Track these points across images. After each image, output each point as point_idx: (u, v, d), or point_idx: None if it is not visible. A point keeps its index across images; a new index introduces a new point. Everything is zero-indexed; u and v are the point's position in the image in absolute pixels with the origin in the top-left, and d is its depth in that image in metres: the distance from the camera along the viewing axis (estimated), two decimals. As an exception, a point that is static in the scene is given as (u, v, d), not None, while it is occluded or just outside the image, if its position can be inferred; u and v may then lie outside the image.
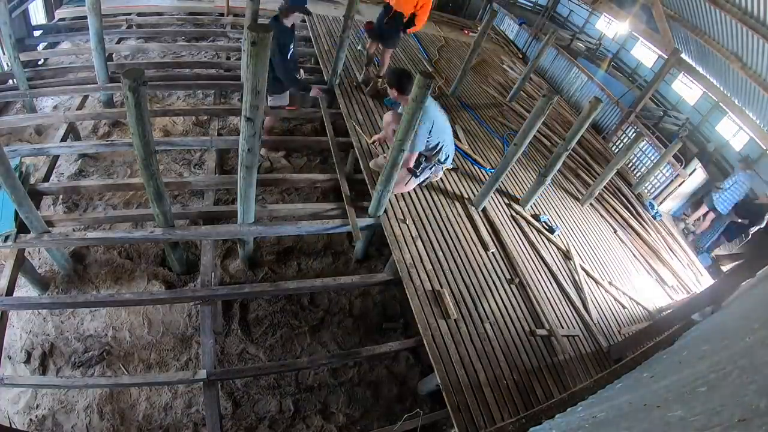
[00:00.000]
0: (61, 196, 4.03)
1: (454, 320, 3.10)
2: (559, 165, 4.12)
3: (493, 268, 3.67)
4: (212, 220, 3.82)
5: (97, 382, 2.90)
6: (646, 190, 6.43)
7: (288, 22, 3.98)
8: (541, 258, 4.02)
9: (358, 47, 6.07)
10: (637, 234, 5.23)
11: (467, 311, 3.22)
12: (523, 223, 4.30)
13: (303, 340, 3.51)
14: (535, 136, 4.18)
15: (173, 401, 3.03)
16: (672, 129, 10.09)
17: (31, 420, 2.82)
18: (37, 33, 5.92)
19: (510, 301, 3.47)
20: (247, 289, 3.26)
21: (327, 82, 5.18)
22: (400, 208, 3.80)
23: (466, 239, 3.79)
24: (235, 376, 3.13)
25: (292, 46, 4.18)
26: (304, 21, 6.02)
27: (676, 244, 5.56)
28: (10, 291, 2.95)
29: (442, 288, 3.28)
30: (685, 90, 11.49)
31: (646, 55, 12.49)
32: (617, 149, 7.26)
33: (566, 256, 4.23)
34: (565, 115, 7.37)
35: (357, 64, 5.79)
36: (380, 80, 5.17)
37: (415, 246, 3.52)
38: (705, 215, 6.64)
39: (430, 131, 3.45)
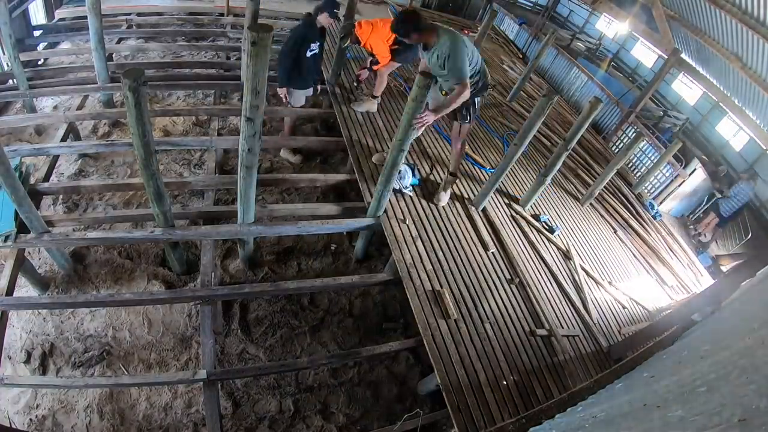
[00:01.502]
0: (61, 196, 4.02)
1: (454, 320, 3.10)
2: (559, 165, 4.12)
3: (493, 268, 3.67)
4: (212, 220, 3.81)
5: (97, 382, 2.90)
6: (646, 190, 6.43)
7: (319, 22, 3.98)
8: (541, 258, 4.02)
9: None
10: (637, 234, 5.23)
11: (467, 311, 3.22)
12: (523, 223, 4.29)
13: (303, 340, 3.51)
14: (535, 136, 4.18)
15: (173, 401, 3.03)
16: (672, 129, 10.09)
17: (31, 420, 2.82)
18: (37, 33, 5.92)
19: (510, 301, 3.47)
20: (247, 289, 3.25)
21: (327, 81, 5.19)
22: (400, 208, 3.80)
23: (466, 239, 3.78)
24: (235, 376, 3.13)
25: (315, 46, 4.09)
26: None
27: (676, 244, 5.56)
28: (10, 291, 2.95)
29: (442, 288, 3.28)
30: (685, 90, 11.49)
31: (646, 55, 12.49)
32: (617, 149, 7.26)
33: (566, 256, 4.23)
34: (565, 115, 7.37)
35: (357, 64, 5.79)
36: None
37: (415, 246, 3.51)
38: (710, 222, 6.94)
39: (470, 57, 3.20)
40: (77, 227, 3.56)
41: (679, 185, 6.55)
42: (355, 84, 5.08)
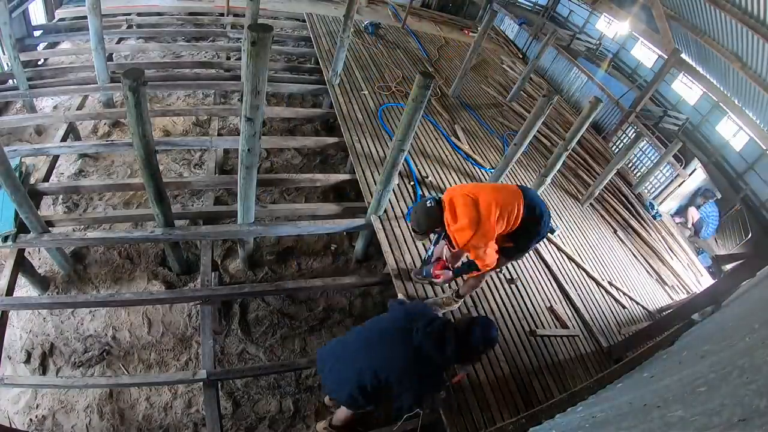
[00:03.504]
0: (61, 196, 4.03)
1: (454, 320, 3.10)
2: (559, 165, 4.11)
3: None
4: (212, 220, 3.82)
5: (97, 382, 2.90)
6: (646, 190, 6.42)
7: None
8: (541, 258, 4.02)
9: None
10: (637, 234, 5.22)
11: (467, 311, 3.21)
12: (523, 223, 4.29)
13: (303, 340, 3.51)
14: (535, 136, 4.18)
15: (173, 401, 3.03)
16: (672, 129, 10.08)
17: (31, 420, 2.82)
18: (37, 33, 5.91)
19: (510, 301, 3.46)
20: (247, 289, 3.25)
21: (327, 81, 5.19)
22: (400, 208, 3.79)
23: (466, 239, 3.78)
24: (235, 376, 3.13)
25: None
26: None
27: (676, 244, 5.56)
28: (10, 291, 2.95)
29: (442, 288, 3.27)
30: (685, 90, 11.49)
31: (646, 55, 12.48)
32: (617, 149, 7.26)
33: (566, 256, 4.23)
34: (565, 115, 7.37)
35: (357, 64, 5.79)
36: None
37: (416, 246, 3.51)
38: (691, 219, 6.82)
39: None
40: (77, 227, 3.56)
41: (679, 185, 6.54)
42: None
